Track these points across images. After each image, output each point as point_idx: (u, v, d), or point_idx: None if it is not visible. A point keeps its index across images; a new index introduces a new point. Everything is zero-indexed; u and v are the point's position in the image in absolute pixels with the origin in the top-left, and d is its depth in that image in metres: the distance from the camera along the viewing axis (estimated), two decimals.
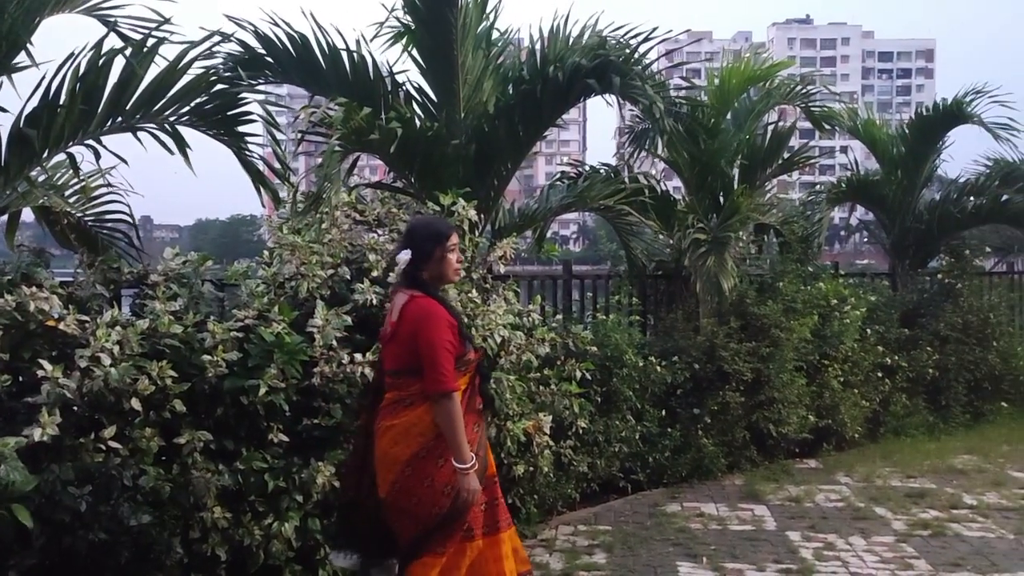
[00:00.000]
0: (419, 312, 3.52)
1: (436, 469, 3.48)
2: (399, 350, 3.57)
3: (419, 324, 3.49)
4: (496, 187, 6.32)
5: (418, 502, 3.48)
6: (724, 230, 7.25)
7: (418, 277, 3.62)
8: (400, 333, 3.55)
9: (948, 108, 9.44)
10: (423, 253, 3.60)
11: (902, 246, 9.95)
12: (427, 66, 6.31)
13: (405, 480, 3.49)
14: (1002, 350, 9.40)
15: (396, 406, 3.56)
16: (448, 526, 3.48)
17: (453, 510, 3.46)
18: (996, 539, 5.62)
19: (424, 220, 4.17)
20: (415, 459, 3.49)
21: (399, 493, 3.51)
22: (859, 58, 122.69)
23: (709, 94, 8.05)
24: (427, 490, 3.47)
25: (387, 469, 3.54)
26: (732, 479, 7.15)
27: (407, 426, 3.51)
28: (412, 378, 3.51)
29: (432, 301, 3.57)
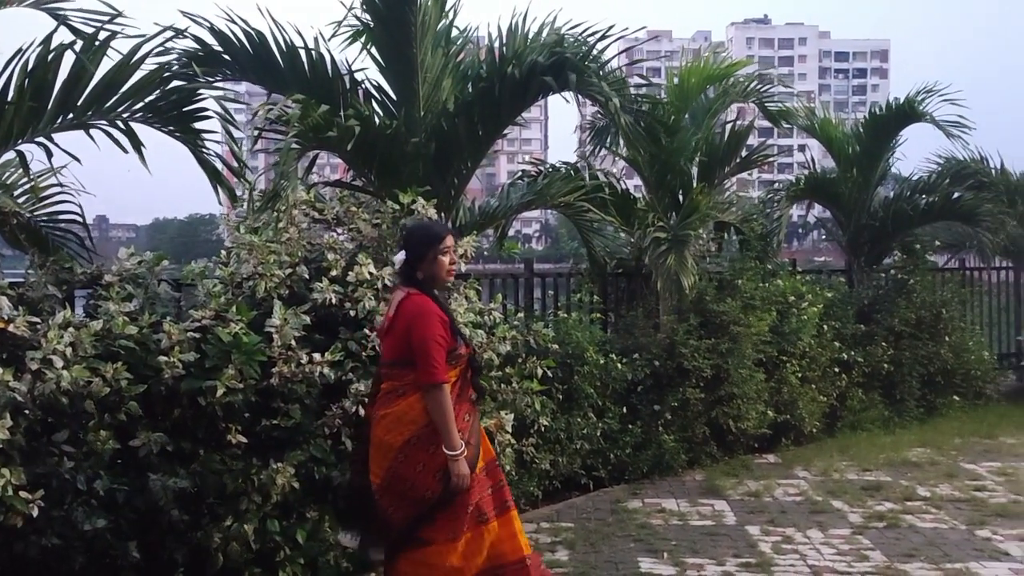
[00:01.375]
0: (413, 308, 3.77)
1: (428, 455, 3.69)
2: (394, 343, 3.82)
3: (413, 319, 3.75)
4: (456, 185, 6.31)
5: (411, 487, 3.70)
6: (684, 228, 7.31)
7: (413, 276, 3.88)
8: (396, 327, 3.81)
9: (901, 107, 9.61)
10: (417, 254, 3.88)
11: (857, 243, 10.10)
12: (386, 64, 6.28)
13: (398, 466, 3.71)
14: (954, 345, 9.59)
15: (390, 395, 3.80)
16: (445, 510, 3.69)
17: (445, 494, 3.67)
18: (948, 530, 5.73)
19: (420, 224, 4.41)
20: (407, 446, 3.71)
21: (393, 478, 3.73)
22: (816, 58, 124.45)
23: (668, 92, 8.10)
24: (419, 475, 3.69)
25: (382, 455, 3.77)
26: (692, 475, 7.22)
27: (400, 414, 3.74)
28: (406, 369, 3.75)
29: (426, 298, 3.81)
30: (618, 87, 5.87)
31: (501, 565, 3.83)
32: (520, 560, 3.87)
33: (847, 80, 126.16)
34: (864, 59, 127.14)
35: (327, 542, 4.69)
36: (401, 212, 5.33)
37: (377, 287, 4.91)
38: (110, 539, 4.04)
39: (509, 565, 3.84)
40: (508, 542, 3.86)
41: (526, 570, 3.87)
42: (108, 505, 4.02)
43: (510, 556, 3.85)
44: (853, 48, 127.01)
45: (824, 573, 4.97)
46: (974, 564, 5.07)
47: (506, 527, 3.87)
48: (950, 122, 9.36)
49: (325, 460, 4.63)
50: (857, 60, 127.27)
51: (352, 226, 5.38)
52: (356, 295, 4.83)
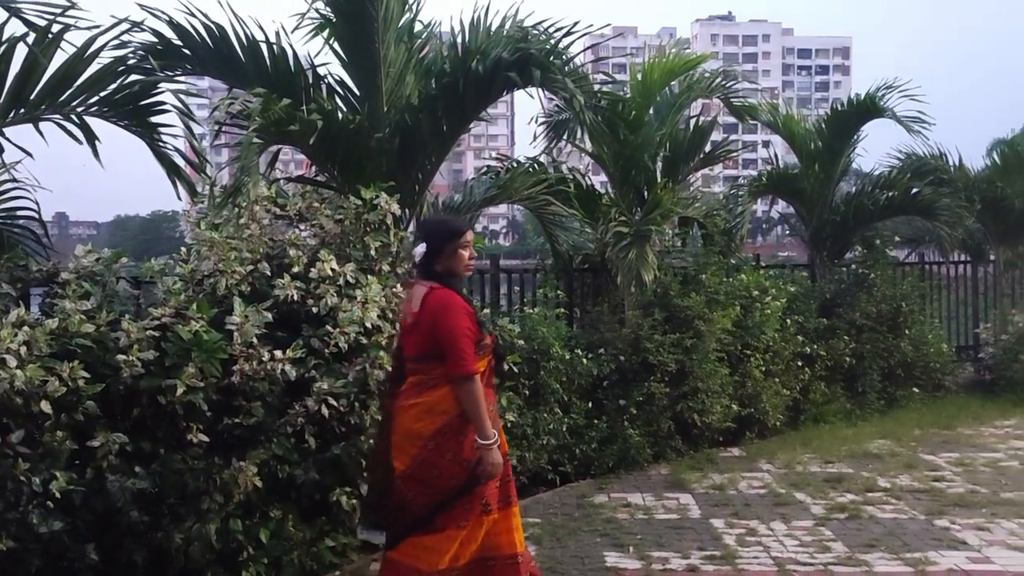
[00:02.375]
0: (439, 302, 3.80)
1: (457, 444, 3.76)
2: (420, 338, 3.85)
3: (439, 313, 3.78)
4: (421, 180, 6.27)
5: (439, 475, 3.76)
6: (646, 223, 7.34)
7: (432, 270, 3.91)
8: (422, 322, 3.83)
9: (862, 103, 9.70)
10: (436, 249, 3.91)
11: (820, 238, 10.20)
12: (349, 59, 6.22)
13: (428, 453, 3.77)
14: (914, 338, 9.72)
15: (420, 387, 3.83)
16: (464, 498, 3.76)
17: (469, 482, 3.75)
18: (908, 520, 5.81)
19: (439, 219, 4.49)
20: (438, 434, 3.77)
21: (420, 466, 3.78)
22: (779, 55, 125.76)
23: (632, 88, 8.12)
24: (448, 463, 3.76)
25: (410, 443, 3.81)
26: (658, 469, 7.25)
27: (431, 404, 3.79)
28: (434, 363, 3.79)
29: (451, 292, 3.86)
30: (581, 83, 5.86)
31: (493, 557, 3.89)
32: (513, 556, 3.94)
33: (810, 77, 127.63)
34: (826, 56, 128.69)
35: (291, 541, 4.65)
36: (364, 208, 5.30)
37: (339, 283, 4.88)
38: (67, 541, 3.97)
39: (501, 558, 3.91)
40: (505, 535, 3.94)
41: (517, 567, 3.94)
42: (65, 507, 3.96)
43: (505, 549, 3.92)
44: (816, 45, 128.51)
45: (787, 565, 5.02)
46: (932, 553, 5.15)
47: (505, 521, 3.94)
48: (910, 118, 9.48)
49: (288, 458, 4.60)
50: (820, 57, 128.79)
51: (315, 222, 5.34)
52: (318, 292, 4.80)
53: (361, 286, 4.92)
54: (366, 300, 4.83)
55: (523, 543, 4.05)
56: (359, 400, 4.83)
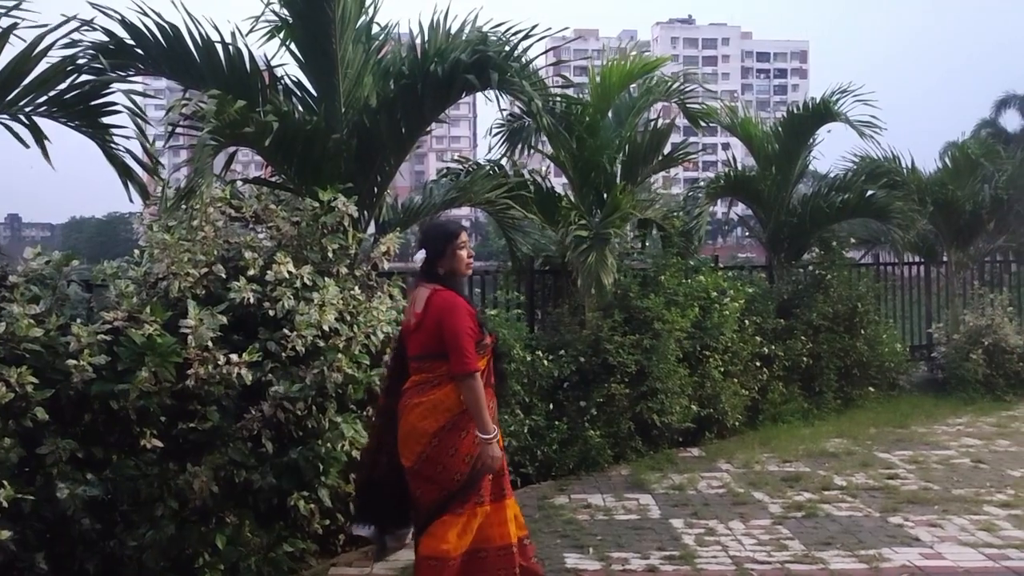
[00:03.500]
0: (443, 303, 3.97)
1: (459, 440, 3.92)
2: (425, 338, 4.00)
3: (444, 314, 3.94)
4: (379, 182, 6.23)
5: (443, 469, 3.92)
6: (605, 226, 7.36)
7: (435, 273, 4.09)
8: (426, 323, 3.99)
9: (817, 107, 9.83)
10: (436, 251, 4.09)
11: (777, 239, 10.31)
12: (306, 60, 6.16)
13: (432, 450, 3.93)
14: (869, 338, 9.86)
15: (423, 386, 3.99)
16: (467, 490, 3.93)
17: (472, 476, 3.92)
18: (863, 517, 5.90)
19: (435, 223, 4.62)
20: (442, 431, 3.92)
21: (425, 462, 3.94)
22: (739, 58, 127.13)
23: (590, 91, 8.14)
24: (451, 459, 3.92)
25: (415, 441, 3.96)
26: (618, 470, 7.29)
27: (435, 403, 3.95)
28: (438, 361, 3.95)
29: (454, 293, 4.03)
30: (539, 87, 5.87)
31: (485, 549, 4.03)
32: (506, 546, 4.07)
33: (769, 80, 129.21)
34: (784, 59, 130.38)
35: (248, 547, 4.60)
36: (321, 210, 5.26)
37: (296, 286, 4.84)
38: (16, 550, 3.89)
39: (493, 550, 4.05)
40: (497, 528, 4.07)
41: (511, 556, 4.07)
42: (13, 515, 3.88)
43: (496, 541, 4.06)
44: (774, 49, 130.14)
45: (745, 564, 5.06)
46: (886, 550, 5.23)
47: (498, 513, 4.08)
48: (863, 122, 9.61)
49: (244, 463, 4.55)
50: (778, 60, 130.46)
51: (271, 224, 5.29)
52: (275, 294, 4.75)
53: (318, 289, 4.89)
54: (323, 303, 4.79)
55: (517, 534, 4.16)
56: (316, 404, 4.79)
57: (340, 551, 5.27)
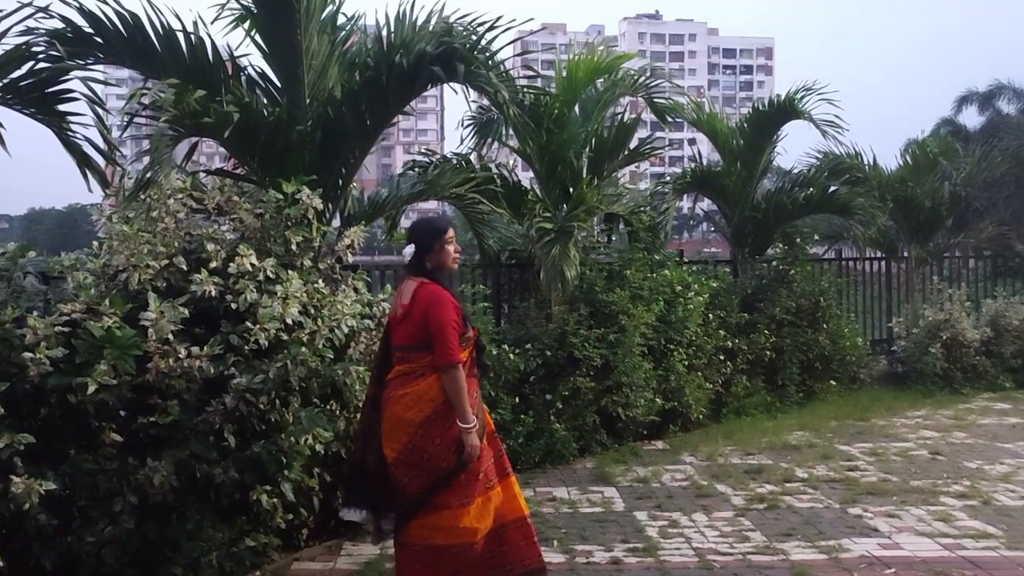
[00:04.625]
0: (430, 296, 4.09)
1: (444, 430, 4.02)
2: (412, 329, 4.11)
3: (430, 306, 4.06)
4: (344, 175, 6.18)
5: (429, 458, 4.02)
6: (570, 220, 7.38)
7: (423, 267, 4.20)
8: (412, 314, 4.10)
9: (781, 104, 9.93)
10: (425, 246, 4.20)
11: (742, 234, 10.41)
12: (270, 51, 6.09)
13: (418, 440, 4.02)
14: (831, 332, 9.99)
15: (407, 377, 4.09)
16: (458, 478, 4.03)
17: (458, 464, 4.02)
18: (824, 509, 5.97)
19: (424, 219, 4.72)
20: (427, 421, 4.02)
21: (411, 452, 4.04)
22: (705, 54, 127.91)
23: (557, 85, 8.15)
24: (436, 448, 4.02)
25: (401, 431, 4.05)
26: (583, 463, 7.32)
27: (419, 393, 4.05)
28: (422, 352, 4.06)
29: (439, 287, 4.15)
30: (506, 79, 5.86)
31: (504, 524, 4.20)
32: (520, 518, 4.27)
33: (735, 76, 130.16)
34: (750, 56, 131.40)
35: (209, 542, 4.55)
36: (285, 202, 5.21)
37: (259, 279, 4.79)
38: None
39: (511, 523, 4.22)
40: (508, 503, 4.24)
41: (527, 526, 4.28)
42: None
43: (509, 516, 4.23)
44: (740, 45, 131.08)
45: (708, 555, 5.11)
46: (846, 540, 5.30)
47: (507, 490, 4.25)
48: (826, 120, 9.72)
49: (206, 457, 4.50)
50: (744, 57, 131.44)
51: (234, 216, 5.23)
52: (237, 287, 4.70)
53: (282, 281, 4.84)
54: (287, 296, 4.74)
55: (526, 507, 4.35)
56: (280, 397, 4.75)
57: (303, 545, 5.24)
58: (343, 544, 5.34)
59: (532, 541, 4.28)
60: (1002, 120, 24.51)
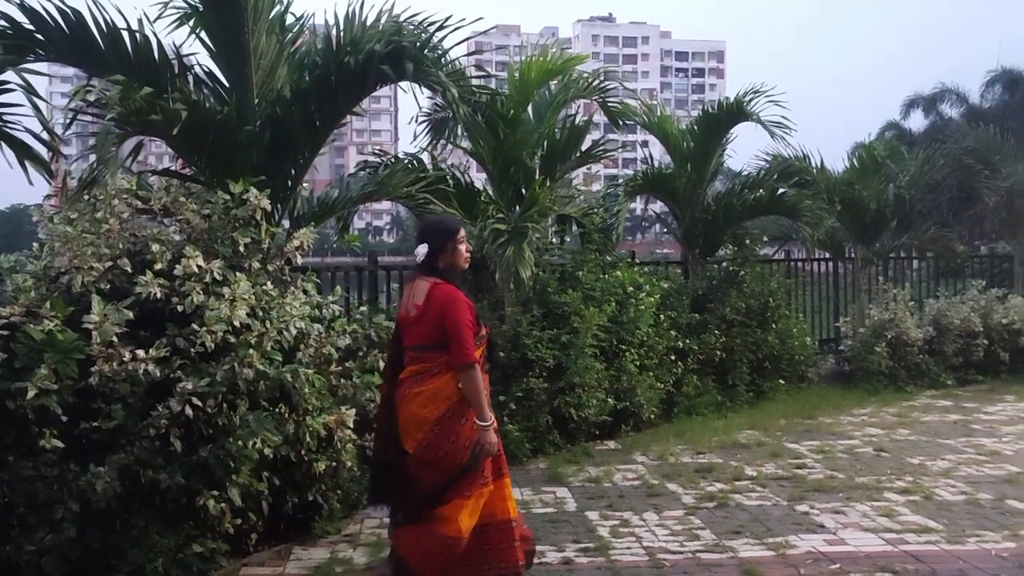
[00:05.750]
0: (445, 297, 4.13)
1: (460, 427, 4.09)
2: (426, 329, 4.14)
3: (446, 307, 4.10)
4: (293, 175, 6.12)
5: (444, 455, 4.08)
6: (524, 220, 7.40)
7: (435, 267, 4.24)
8: (428, 314, 4.14)
9: (731, 107, 10.05)
10: (437, 247, 4.25)
11: (692, 236, 10.51)
12: (217, 50, 6.01)
13: (434, 437, 4.08)
14: (780, 332, 10.14)
15: (423, 376, 4.14)
16: (469, 474, 4.11)
17: (472, 460, 4.10)
18: (772, 506, 6.06)
19: (436, 219, 4.79)
20: (443, 419, 4.08)
21: (427, 448, 4.10)
22: (658, 57, 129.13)
23: (509, 86, 8.17)
24: (451, 445, 4.08)
25: (416, 428, 4.11)
26: (536, 463, 7.33)
27: (434, 392, 4.10)
28: (437, 352, 4.11)
29: (453, 287, 4.19)
30: (456, 77, 5.85)
31: (489, 524, 4.24)
32: (507, 521, 4.29)
33: (687, 79, 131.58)
34: (702, 59, 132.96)
35: (155, 548, 4.47)
36: (233, 203, 5.15)
37: (206, 281, 4.72)
38: None
39: (495, 524, 4.26)
40: (499, 503, 4.28)
41: (511, 531, 4.30)
42: None
43: (499, 516, 4.27)
44: (692, 48, 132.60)
45: (658, 554, 5.14)
46: (793, 537, 5.38)
47: (500, 491, 4.30)
48: (774, 122, 9.85)
49: (151, 462, 4.43)
50: (696, 60, 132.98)
51: (180, 217, 5.16)
52: (184, 289, 4.64)
53: (229, 283, 4.78)
54: (234, 298, 4.69)
55: (515, 510, 4.39)
56: (227, 401, 4.69)
57: (252, 550, 5.16)
58: (293, 548, 5.28)
59: (512, 545, 4.31)
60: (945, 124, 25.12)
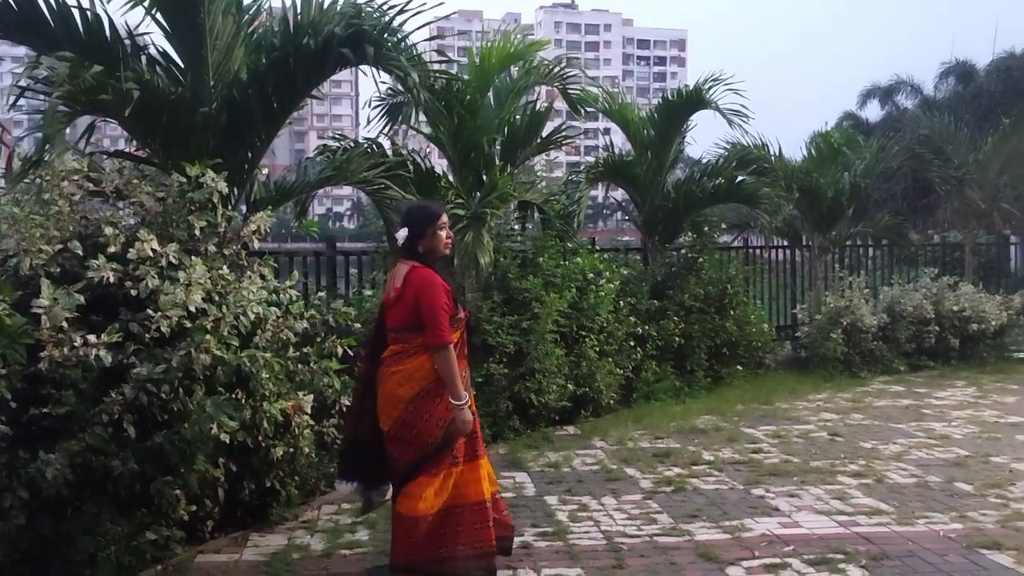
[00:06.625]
0: (421, 280, 4.26)
1: (434, 406, 4.24)
2: (404, 311, 4.30)
3: (422, 290, 4.24)
4: (250, 158, 6.03)
5: (418, 433, 4.24)
6: (483, 206, 7.38)
7: (415, 251, 4.38)
8: (405, 297, 4.29)
9: (690, 94, 10.10)
10: (417, 231, 4.38)
11: (652, 223, 10.57)
12: (172, 30, 5.88)
13: (408, 415, 4.24)
14: (738, 318, 10.26)
15: (400, 356, 4.30)
16: (440, 452, 4.27)
17: (445, 439, 4.25)
18: (728, 490, 6.14)
19: (418, 204, 4.87)
20: (417, 398, 4.24)
21: (401, 426, 4.26)
22: (620, 44, 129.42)
23: (470, 71, 8.12)
24: (425, 423, 4.24)
25: (392, 406, 4.27)
26: (496, 448, 7.34)
27: (410, 371, 4.26)
28: (414, 333, 4.26)
29: (431, 271, 4.31)
30: (416, 62, 5.80)
31: (461, 505, 4.34)
32: (480, 502, 4.38)
33: (648, 67, 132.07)
34: (664, 47, 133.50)
35: (107, 536, 4.40)
36: (189, 186, 5.06)
37: (161, 265, 4.64)
38: None
39: (468, 506, 4.35)
40: (472, 485, 4.38)
41: (484, 511, 4.39)
42: None
43: (472, 497, 4.37)
44: (654, 36, 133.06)
45: (616, 538, 5.19)
46: (748, 520, 5.46)
47: (472, 472, 4.39)
48: (733, 110, 9.92)
49: (103, 449, 4.35)
50: (657, 48, 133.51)
51: (134, 200, 5.06)
52: (138, 273, 4.55)
53: (185, 268, 4.70)
54: (190, 282, 4.61)
55: (490, 491, 4.47)
56: (183, 386, 4.63)
57: (208, 537, 5.12)
58: (249, 535, 5.24)
59: (487, 525, 4.39)
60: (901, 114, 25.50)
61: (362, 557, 4.94)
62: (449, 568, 4.32)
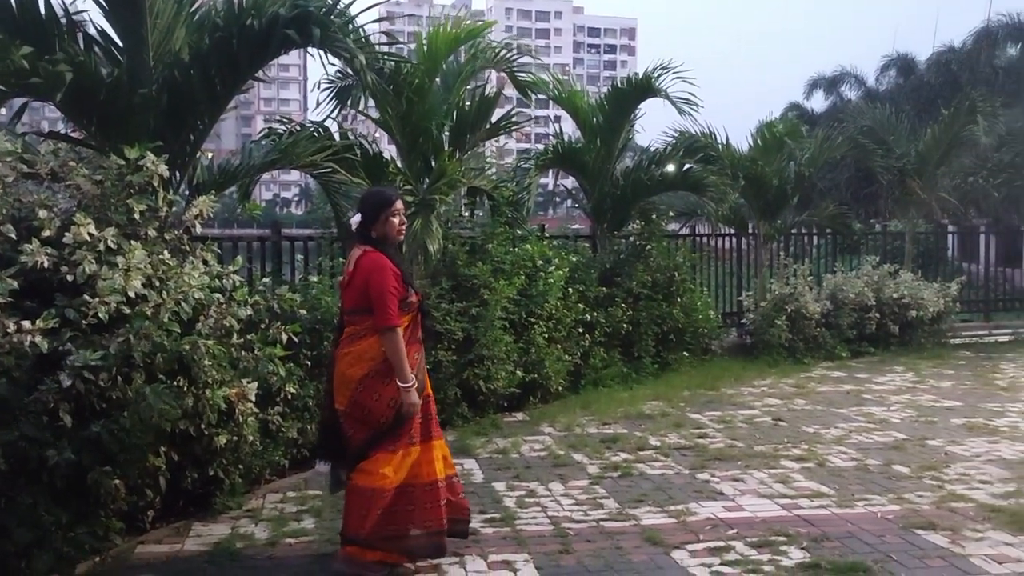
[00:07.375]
0: (371, 264, 4.36)
1: (383, 387, 4.35)
2: (354, 294, 4.41)
3: (371, 274, 4.33)
4: (192, 141, 5.90)
5: (368, 412, 4.36)
6: (432, 192, 7.33)
7: (368, 236, 4.46)
8: (355, 280, 4.40)
9: (640, 82, 10.14)
10: (371, 216, 4.45)
11: (601, 210, 10.61)
12: (110, 7, 5.71)
13: (358, 395, 4.36)
14: (685, 305, 10.36)
15: (352, 337, 4.42)
16: (394, 431, 4.37)
17: (397, 419, 4.35)
18: (674, 475, 6.20)
19: (373, 190, 4.86)
20: (366, 378, 4.35)
21: (353, 405, 4.38)
22: (571, 32, 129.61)
23: (417, 55, 8.06)
24: (375, 403, 4.35)
25: (344, 386, 4.40)
26: (445, 435, 7.25)
27: (360, 352, 4.37)
28: (364, 315, 4.37)
29: (380, 255, 4.39)
30: (364, 44, 5.72)
31: (413, 484, 4.45)
32: (432, 482, 4.50)
33: (599, 55, 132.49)
34: (614, 36, 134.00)
35: (43, 527, 4.29)
36: (128, 168, 4.93)
37: (99, 249, 4.52)
38: None
39: (421, 485, 4.47)
40: (425, 466, 4.49)
41: (436, 491, 4.50)
42: None
43: (424, 478, 4.48)
44: (604, 25, 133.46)
45: (563, 523, 5.21)
46: (694, 504, 5.52)
47: (426, 453, 4.51)
48: (682, 99, 10.00)
49: (39, 438, 4.22)
50: (608, 36, 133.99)
51: (70, 183, 4.92)
52: (74, 258, 4.43)
53: (124, 252, 4.59)
54: (129, 267, 4.50)
55: (444, 471, 4.59)
56: (122, 374, 4.52)
57: (149, 527, 5.02)
58: (192, 525, 5.16)
59: (438, 505, 4.49)
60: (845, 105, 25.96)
61: (307, 545, 4.90)
62: (399, 545, 4.43)
